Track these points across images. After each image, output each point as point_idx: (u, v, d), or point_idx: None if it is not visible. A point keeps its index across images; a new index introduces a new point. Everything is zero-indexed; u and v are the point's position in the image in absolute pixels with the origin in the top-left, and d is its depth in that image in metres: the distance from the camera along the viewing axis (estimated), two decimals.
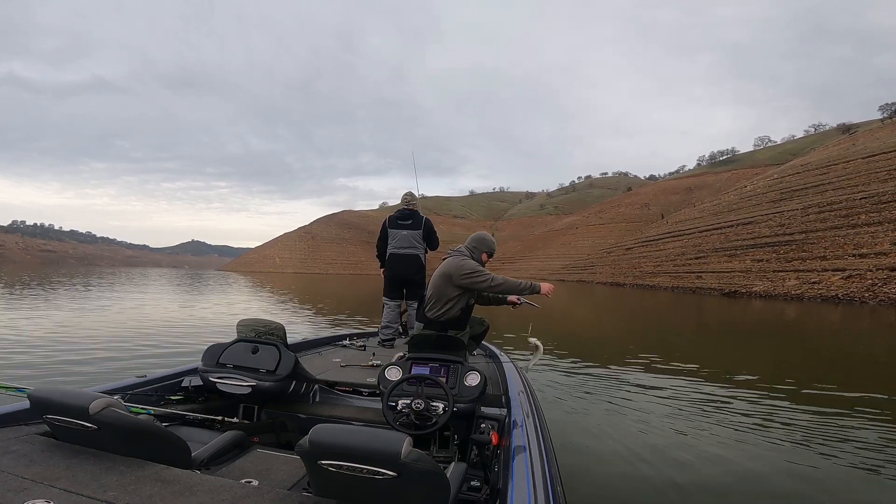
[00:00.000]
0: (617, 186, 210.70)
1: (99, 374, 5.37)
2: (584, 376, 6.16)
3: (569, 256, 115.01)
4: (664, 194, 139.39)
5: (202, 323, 11.05)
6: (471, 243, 3.55)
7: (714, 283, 41.27)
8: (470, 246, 3.53)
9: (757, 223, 50.43)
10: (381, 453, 1.12)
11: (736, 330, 13.87)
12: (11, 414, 1.68)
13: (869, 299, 26.00)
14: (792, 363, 8.12)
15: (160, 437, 1.49)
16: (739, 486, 3.07)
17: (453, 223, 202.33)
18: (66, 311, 12.06)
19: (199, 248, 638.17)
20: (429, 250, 4.78)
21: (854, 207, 40.34)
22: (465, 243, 3.57)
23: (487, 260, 3.56)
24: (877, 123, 77.01)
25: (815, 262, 35.96)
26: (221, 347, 2.55)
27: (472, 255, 3.48)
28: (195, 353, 3.33)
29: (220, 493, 1.26)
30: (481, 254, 3.51)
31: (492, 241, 3.60)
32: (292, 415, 2.57)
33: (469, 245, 3.54)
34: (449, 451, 2.29)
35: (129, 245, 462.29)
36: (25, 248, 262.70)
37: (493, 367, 3.42)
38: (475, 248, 3.51)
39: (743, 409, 4.78)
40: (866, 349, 10.09)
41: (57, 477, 1.28)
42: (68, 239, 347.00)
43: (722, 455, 3.57)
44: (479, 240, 3.56)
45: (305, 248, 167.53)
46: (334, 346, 4.24)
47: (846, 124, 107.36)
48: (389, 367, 2.51)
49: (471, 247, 3.52)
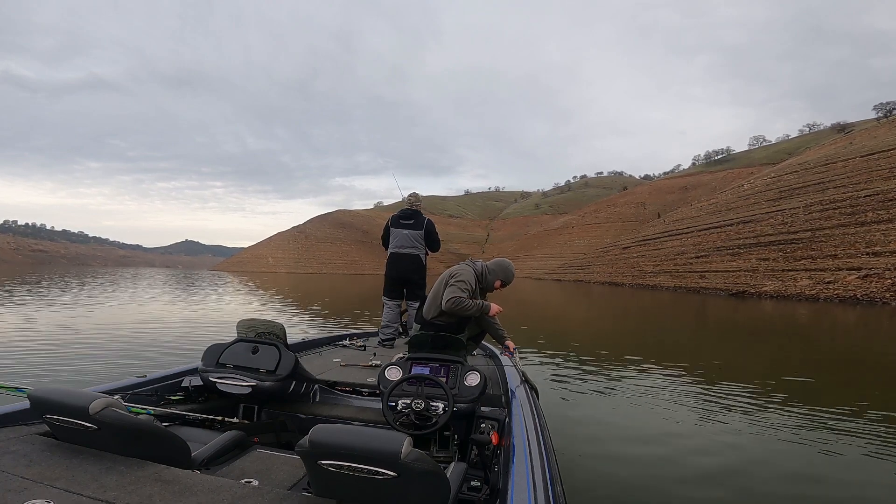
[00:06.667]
0: (612, 186, 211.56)
1: (99, 374, 5.35)
2: (584, 376, 6.18)
3: (565, 256, 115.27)
4: (660, 193, 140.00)
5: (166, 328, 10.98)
6: (491, 265, 3.51)
7: (720, 283, 40.91)
8: (489, 266, 3.49)
9: (758, 221, 50.48)
10: (381, 453, 1.12)
11: (757, 331, 13.29)
12: (11, 414, 1.68)
13: (891, 300, 24.89)
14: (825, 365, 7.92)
15: (160, 437, 1.49)
16: (740, 488, 3.06)
17: (448, 223, 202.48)
18: (65, 311, 11.99)
19: (193, 247, 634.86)
20: (429, 252, 4.78)
21: (859, 205, 40.21)
22: (487, 261, 3.54)
23: (500, 287, 3.52)
24: (872, 123, 77.70)
25: (827, 260, 35.55)
26: (221, 347, 2.54)
27: (485, 274, 3.44)
28: (180, 353, 3.27)
29: (220, 493, 1.26)
30: (496, 279, 3.47)
31: (512, 273, 3.57)
32: (292, 415, 2.56)
33: (489, 265, 3.50)
34: (449, 451, 2.30)
35: (121, 245, 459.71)
36: (16, 249, 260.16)
37: (493, 367, 3.42)
38: (492, 271, 3.47)
39: (751, 412, 4.71)
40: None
41: (57, 477, 1.27)
42: (60, 239, 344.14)
43: (723, 456, 3.58)
44: (501, 266, 3.51)
45: (299, 248, 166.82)
46: (334, 346, 4.23)
47: (841, 124, 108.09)
48: (389, 367, 2.51)
49: (489, 267, 3.48)
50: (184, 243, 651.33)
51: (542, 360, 7.11)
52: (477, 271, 3.44)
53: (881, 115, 78.88)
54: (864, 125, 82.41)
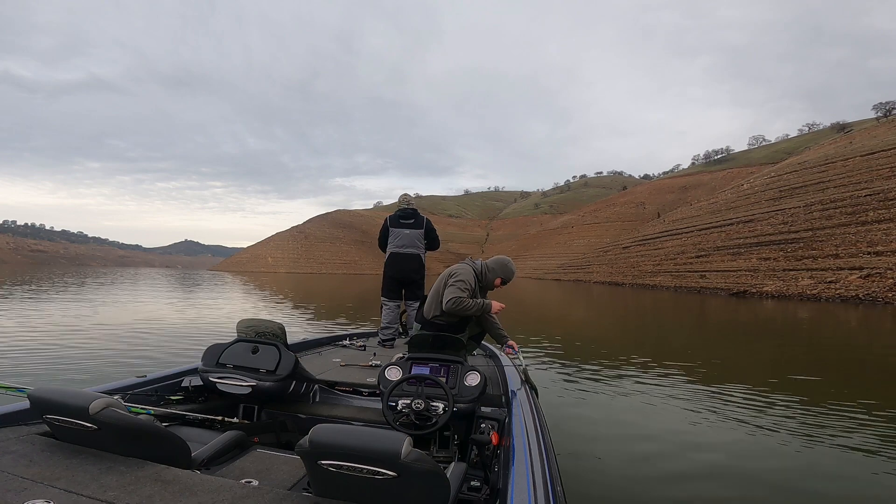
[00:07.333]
0: (612, 186, 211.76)
1: (99, 374, 5.34)
2: (585, 376, 6.18)
3: (564, 255, 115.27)
4: (659, 193, 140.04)
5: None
6: (491, 263, 3.52)
7: (720, 283, 40.75)
8: (489, 265, 3.50)
9: (758, 221, 50.36)
10: (381, 453, 1.12)
11: (758, 331, 13.22)
12: (11, 414, 1.68)
13: (893, 299, 24.69)
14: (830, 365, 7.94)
15: (160, 437, 1.49)
16: (742, 488, 3.06)
17: (448, 222, 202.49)
18: (65, 311, 11.98)
19: (193, 248, 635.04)
20: (428, 251, 4.78)
21: (860, 205, 40.06)
22: (487, 260, 3.56)
23: (500, 285, 3.53)
24: (871, 123, 77.65)
25: (828, 260, 35.37)
26: (221, 347, 2.55)
27: (485, 272, 3.45)
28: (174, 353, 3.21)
29: (220, 493, 1.26)
30: (496, 277, 3.48)
31: (512, 270, 3.57)
32: (292, 415, 2.56)
33: (488, 263, 3.51)
34: (449, 451, 2.30)
35: (121, 245, 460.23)
36: (15, 248, 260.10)
37: (493, 367, 3.42)
38: (492, 269, 3.47)
39: (752, 411, 4.69)
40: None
41: (57, 477, 1.27)
42: (59, 239, 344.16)
43: (724, 455, 3.58)
44: (501, 264, 3.52)
45: (298, 248, 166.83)
46: (334, 346, 4.23)
47: (840, 123, 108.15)
48: (389, 367, 2.51)
49: (489, 266, 3.49)
50: (183, 243, 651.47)
51: (542, 360, 7.11)
52: (476, 270, 3.45)
53: (881, 115, 79.04)
54: (864, 125, 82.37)
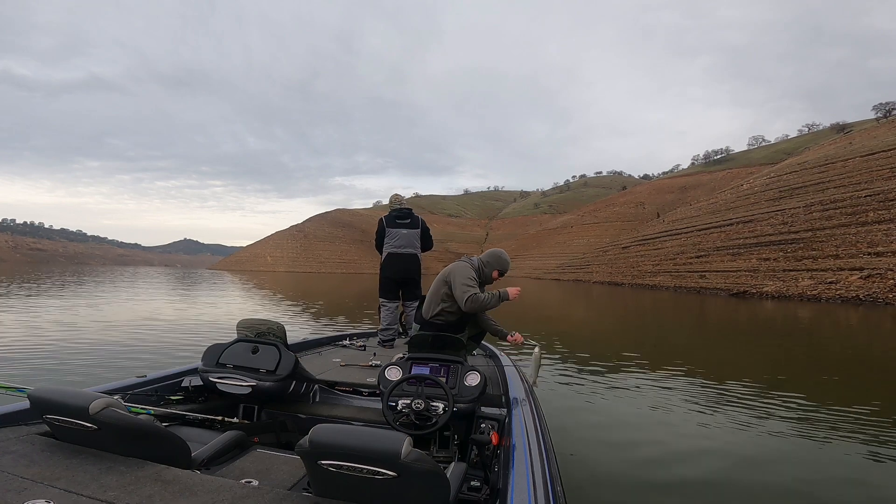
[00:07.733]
0: (611, 185, 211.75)
1: (99, 374, 5.34)
2: (585, 376, 6.18)
3: (564, 255, 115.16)
4: (659, 193, 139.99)
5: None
6: (485, 257, 3.55)
7: (720, 283, 40.57)
8: (483, 259, 3.53)
9: (758, 221, 50.28)
10: (381, 453, 1.12)
11: (758, 331, 13.17)
12: (11, 414, 1.68)
13: (894, 300, 24.43)
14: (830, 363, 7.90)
15: (160, 437, 1.49)
16: (742, 488, 3.06)
17: (447, 222, 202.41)
18: (65, 311, 11.97)
19: (192, 246, 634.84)
20: (423, 250, 4.77)
21: (860, 205, 39.97)
22: (480, 255, 3.58)
23: (498, 278, 3.55)
24: (871, 123, 77.60)
25: (829, 260, 35.23)
26: (221, 347, 2.55)
27: (482, 268, 3.47)
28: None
29: (220, 493, 1.26)
30: (493, 270, 3.50)
31: (506, 260, 3.58)
32: (292, 415, 2.57)
33: (483, 258, 3.54)
34: (449, 451, 2.30)
35: (120, 244, 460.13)
36: (14, 247, 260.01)
37: (493, 367, 3.43)
38: (487, 263, 3.50)
39: (753, 411, 4.67)
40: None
41: (57, 477, 1.27)
42: (58, 238, 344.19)
43: (724, 455, 3.58)
44: (494, 256, 3.55)
45: (297, 247, 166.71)
46: (334, 346, 4.23)
47: (840, 124, 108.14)
48: (389, 367, 2.51)
49: (484, 260, 3.52)
50: (182, 242, 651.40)
51: (542, 360, 7.09)
52: (475, 266, 3.47)
53: (880, 116, 78.97)
54: (864, 125, 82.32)
